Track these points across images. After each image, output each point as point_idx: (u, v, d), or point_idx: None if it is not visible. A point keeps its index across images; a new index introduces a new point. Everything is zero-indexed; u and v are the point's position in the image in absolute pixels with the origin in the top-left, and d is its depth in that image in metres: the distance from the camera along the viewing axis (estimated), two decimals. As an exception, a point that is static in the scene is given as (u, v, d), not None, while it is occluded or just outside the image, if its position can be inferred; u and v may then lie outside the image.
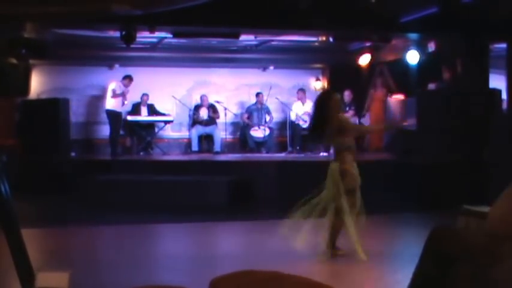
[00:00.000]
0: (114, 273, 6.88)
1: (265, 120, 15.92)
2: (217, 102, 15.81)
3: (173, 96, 15.74)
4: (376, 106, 15.71)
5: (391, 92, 15.44)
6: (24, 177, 12.11)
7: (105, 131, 15.24)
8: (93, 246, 8.49)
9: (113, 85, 14.58)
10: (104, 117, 15.01)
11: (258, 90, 16.12)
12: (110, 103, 14.46)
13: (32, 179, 12.32)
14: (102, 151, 15.36)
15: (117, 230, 9.58)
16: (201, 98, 15.85)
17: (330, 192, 7.01)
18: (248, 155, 15.09)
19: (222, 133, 15.72)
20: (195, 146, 15.51)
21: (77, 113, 15.48)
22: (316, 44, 15.33)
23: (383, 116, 15.51)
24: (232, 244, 8.69)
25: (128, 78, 14.79)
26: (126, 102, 14.79)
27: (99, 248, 8.54)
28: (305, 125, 15.55)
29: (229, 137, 16.25)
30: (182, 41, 14.63)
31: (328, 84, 17.21)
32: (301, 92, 15.95)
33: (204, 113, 15.62)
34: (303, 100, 15.81)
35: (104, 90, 15.14)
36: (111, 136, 14.55)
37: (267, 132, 15.75)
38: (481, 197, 8.96)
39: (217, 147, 15.44)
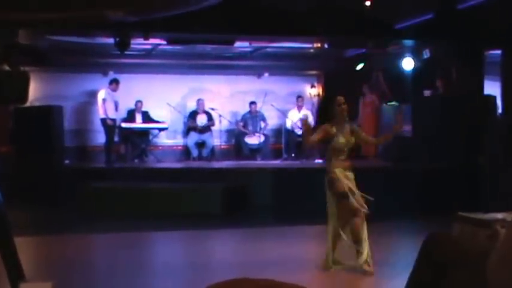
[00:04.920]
0: (108, 282, 6.84)
1: (260, 127, 15.89)
2: (212, 109, 15.77)
3: (168, 104, 15.69)
4: (368, 113, 15.70)
5: (385, 98, 15.43)
6: (18, 185, 12.06)
7: (99, 138, 15.20)
8: (88, 254, 8.44)
9: (102, 93, 14.57)
10: (97, 124, 14.97)
11: (253, 97, 16.08)
12: (103, 111, 14.45)
13: (25, 187, 12.25)
14: (96, 158, 15.29)
15: (111, 238, 9.53)
16: (197, 102, 15.79)
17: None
18: (243, 162, 15.05)
19: (216, 140, 15.69)
20: (194, 153, 15.46)
21: (70, 120, 15.41)
22: (312, 50, 15.33)
23: (375, 123, 15.51)
24: (227, 251, 8.66)
25: (115, 83, 14.78)
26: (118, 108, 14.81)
27: (94, 256, 8.50)
28: (300, 132, 15.54)
29: (224, 144, 16.22)
30: (177, 47, 14.62)
31: (323, 91, 17.20)
32: (301, 99, 15.94)
33: (202, 120, 15.58)
34: (300, 107, 15.80)
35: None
36: (107, 144, 14.53)
37: (262, 139, 15.72)
38: (476, 203, 8.97)
39: (205, 152, 15.41)
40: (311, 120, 15.73)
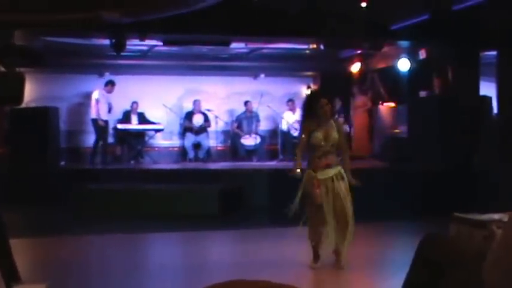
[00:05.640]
0: (104, 283, 6.83)
1: (256, 127, 15.88)
2: (208, 110, 15.76)
3: (164, 105, 15.66)
4: (359, 114, 15.69)
5: (381, 99, 15.43)
6: (13, 186, 12.02)
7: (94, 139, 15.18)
8: (83, 256, 8.42)
9: (96, 94, 14.56)
10: (93, 125, 14.95)
11: (249, 98, 16.07)
12: (95, 112, 14.44)
13: (20, 188, 12.22)
14: (92, 160, 15.25)
15: (107, 239, 9.50)
16: (194, 102, 15.75)
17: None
18: (239, 163, 15.04)
19: (212, 141, 15.67)
20: (191, 154, 15.45)
21: (66, 121, 15.38)
22: (307, 51, 15.32)
23: (368, 124, 15.52)
24: (223, 253, 8.64)
25: (110, 84, 14.76)
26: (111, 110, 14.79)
27: (89, 258, 8.47)
28: (296, 133, 15.52)
29: (220, 146, 16.20)
30: (173, 49, 14.60)
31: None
32: (291, 102, 15.94)
33: (198, 120, 15.55)
34: (293, 110, 15.79)
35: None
36: (95, 145, 14.53)
37: (258, 140, 15.71)
38: (473, 204, 8.96)
39: (201, 154, 15.40)
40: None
